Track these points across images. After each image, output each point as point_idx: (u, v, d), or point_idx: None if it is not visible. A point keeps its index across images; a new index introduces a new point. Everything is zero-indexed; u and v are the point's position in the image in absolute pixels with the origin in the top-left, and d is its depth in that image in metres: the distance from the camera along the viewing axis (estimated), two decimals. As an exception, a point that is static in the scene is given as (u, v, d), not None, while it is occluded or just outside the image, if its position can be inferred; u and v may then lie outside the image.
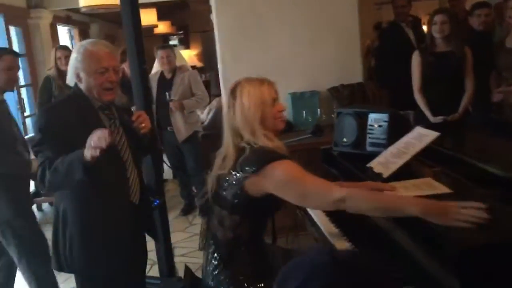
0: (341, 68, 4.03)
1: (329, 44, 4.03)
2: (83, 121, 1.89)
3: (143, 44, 2.63)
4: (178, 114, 4.39)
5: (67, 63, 4.33)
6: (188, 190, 4.77)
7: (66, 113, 1.90)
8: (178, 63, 4.68)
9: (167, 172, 5.46)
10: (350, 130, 2.43)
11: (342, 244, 1.97)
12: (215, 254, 1.86)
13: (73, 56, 1.96)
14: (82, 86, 1.95)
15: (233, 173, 1.77)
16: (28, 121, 6.01)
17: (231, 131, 1.82)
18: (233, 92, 1.84)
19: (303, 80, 4.04)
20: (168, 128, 4.46)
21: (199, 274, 2.08)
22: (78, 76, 1.94)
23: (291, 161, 1.75)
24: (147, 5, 7.06)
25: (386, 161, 2.07)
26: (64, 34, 8.29)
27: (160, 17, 9.73)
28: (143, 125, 2.04)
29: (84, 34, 9.80)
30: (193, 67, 9.51)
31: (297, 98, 4.02)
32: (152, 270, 3.26)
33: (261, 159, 1.73)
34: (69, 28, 8.46)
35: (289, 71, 4.01)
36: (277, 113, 1.86)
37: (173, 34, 12.43)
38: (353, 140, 2.40)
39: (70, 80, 1.98)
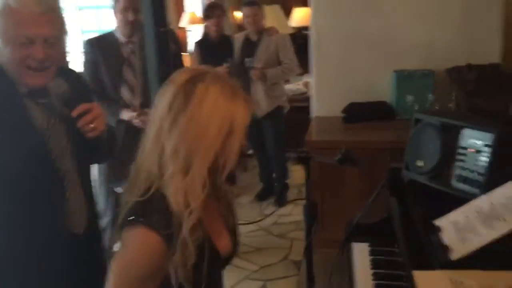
0: (470, 42, 2.93)
1: (455, 9, 2.95)
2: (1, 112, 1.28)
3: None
4: (259, 84, 3.71)
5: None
6: (267, 172, 4.13)
7: None
8: (272, 25, 3.97)
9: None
10: (430, 149, 1.51)
11: None
12: None
13: None
14: (1, 58, 1.31)
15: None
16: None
17: (158, 143, 1.06)
18: (188, 89, 1.06)
19: (415, 55, 3.03)
20: (247, 100, 3.81)
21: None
22: None
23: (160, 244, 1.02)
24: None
25: (466, 226, 1.16)
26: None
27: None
28: (92, 125, 1.34)
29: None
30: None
31: (404, 78, 3.04)
32: None
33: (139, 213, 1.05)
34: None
35: (397, 43, 3.05)
36: (239, 148, 1.10)
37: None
38: (432, 166, 1.48)
39: None
